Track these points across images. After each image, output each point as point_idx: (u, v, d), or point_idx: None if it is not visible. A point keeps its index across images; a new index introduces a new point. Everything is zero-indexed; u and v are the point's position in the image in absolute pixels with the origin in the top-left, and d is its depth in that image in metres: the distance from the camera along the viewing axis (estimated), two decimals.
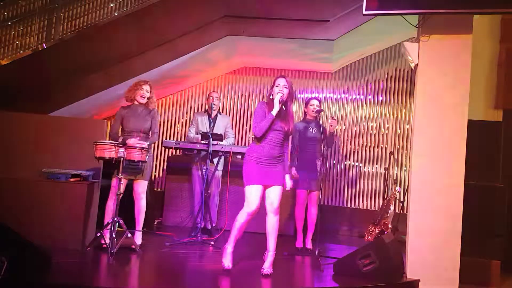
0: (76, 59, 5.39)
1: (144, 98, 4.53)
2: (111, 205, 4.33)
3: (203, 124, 5.61)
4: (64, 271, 3.55)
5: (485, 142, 4.70)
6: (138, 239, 4.46)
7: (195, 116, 5.80)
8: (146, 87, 4.54)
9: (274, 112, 3.73)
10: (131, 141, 4.28)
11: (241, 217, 3.75)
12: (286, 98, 3.81)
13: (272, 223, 3.79)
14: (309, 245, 4.93)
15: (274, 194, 3.79)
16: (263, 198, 3.79)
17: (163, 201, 6.08)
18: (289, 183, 3.91)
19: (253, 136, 3.88)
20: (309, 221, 4.95)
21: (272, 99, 3.79)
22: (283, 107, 3.84)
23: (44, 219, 4.19)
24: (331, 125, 4.99)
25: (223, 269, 3.73)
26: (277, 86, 3.81)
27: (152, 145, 4.71)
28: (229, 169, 5.33)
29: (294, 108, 7.00)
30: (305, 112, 5.12)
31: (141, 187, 4.44)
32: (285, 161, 3.91)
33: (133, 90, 4.54)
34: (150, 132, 4.55)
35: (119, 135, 4.48)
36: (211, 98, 5.57)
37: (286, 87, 3.80)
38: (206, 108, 5.85)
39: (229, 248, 3.81)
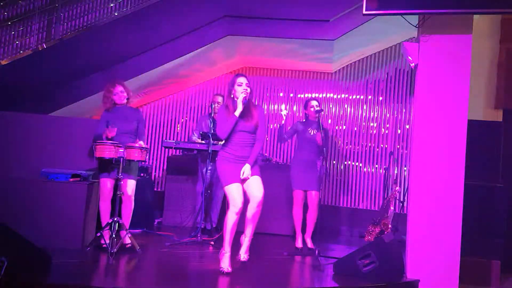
0: (76, 59, 5.39)
1: (122, 99, 4.47)
2: (104, 207, 4.33)
3: (206, 126, 5.61)
4: (64, 271, 3.55)
5: (485, 142, 4.70)
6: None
7: (199, 121, 5.80)
8: (120, 88, 4.46)
9: (237, 112, 3.70)
10: (112, 130, 4.23)
11: (230, 219, 3.70)
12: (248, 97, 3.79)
13: (253, 212, 3.74)
14: (310, 244, 4.93)
15: (255, 185, 3.74)
16: (245, 194, 3.77)
17: (163, 201, 6.08)
18: (247, 172, 3.73)
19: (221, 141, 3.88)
20: (308, 221, 4.93)
21: (233, 98, 3.78)
22: (245, 106, 3.78)
23: (44, 219, 4.19)
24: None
25: (223, 272, 3.70)
26: (239, 86, 3.78)
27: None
28: None
29: (294, 108, 7.01)
30: (306, 113, 5.12)
31: (129, 187, 4.37)
32: (252, 156, 3.79)
33: (107, 97, 4.44)
34: (138, 135, 4.49)
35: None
36: (215, 102, 5.55)
37: (248, 86, 3.79)
38: (210, 111, 5.82)
39: (226, 252, 3.78)
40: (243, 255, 3.78)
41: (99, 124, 4.40)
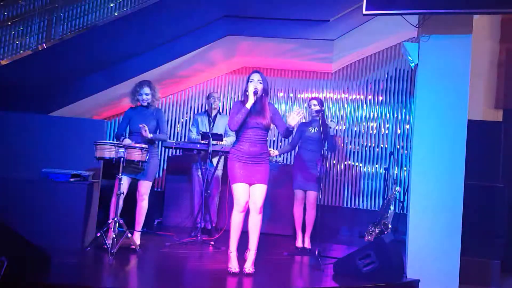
0: (76, 59, 5.38)
1: (145, 101, 4.54)
2: (113, 203, 4.35)
3: (203, 124, 5.62)
4: (64, 271, 3.55)
5: (485, 142, 4.70)
6: (137, 239, 4.45)
7: (195, 117, 5.82)
8: (145, 90, 4.52)
9: (248, 104, 3.73)
10: (126, 141, 4.29)
11: (235, 218, 3.75)
12: (261, 93, 3.81)
13: (254, 222, 3.78)
14: (307, 245, 4.94)
15: (257, 193, 3.77)
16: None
17: (163, 201, 6.08)
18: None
19: (233, 135, 3.91)
20: (307, 222, 4.95)
21: (246, 94, 3.80)
22: (259, 102, 3.81)
23: (44, 219, 4.20)
24: (329, 127, 4.97)
25: (230, 272, 3.71)
26: (251, 82, 3.82)
27: (159, 145, 4.69)
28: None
29: (294, 108, 6.99)
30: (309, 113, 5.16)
31: (143, 187, 4.45)
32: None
33: (133, 95, 4.55)
34: (158, 132, 4.58)
35: (125, 135, 4.52)
36: (211, 98, 5.58)
37: (260, 82, 3.81)
38: (206, 108, 5.86)
39: (232, 252, 3.80)
40: (248, 268, 3.76)
41: (122, 122, 4.60)
